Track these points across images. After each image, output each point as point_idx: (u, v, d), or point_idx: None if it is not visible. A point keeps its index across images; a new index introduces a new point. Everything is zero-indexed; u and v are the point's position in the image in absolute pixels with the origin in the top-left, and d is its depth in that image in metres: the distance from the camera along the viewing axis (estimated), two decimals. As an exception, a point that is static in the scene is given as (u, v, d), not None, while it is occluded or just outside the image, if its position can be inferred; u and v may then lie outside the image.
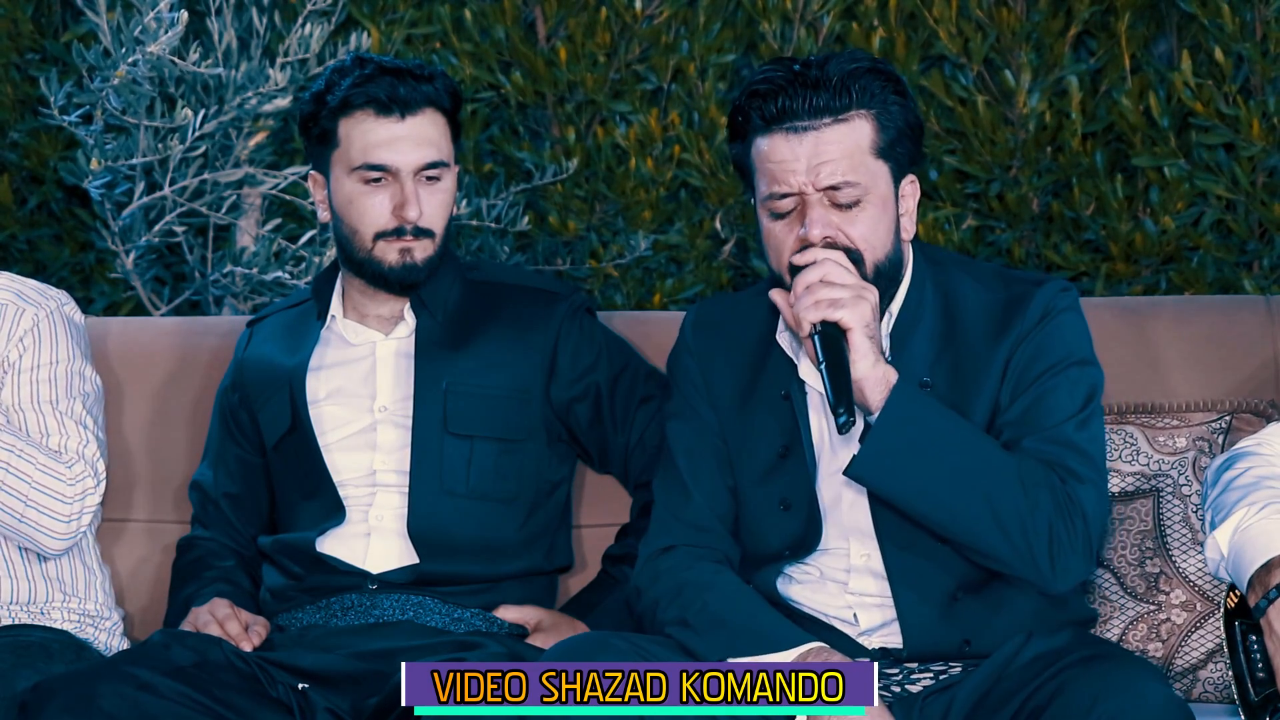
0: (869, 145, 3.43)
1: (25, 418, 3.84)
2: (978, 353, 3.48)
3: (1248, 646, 3.41)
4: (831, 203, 3.41)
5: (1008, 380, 3.46)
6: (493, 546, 3.85)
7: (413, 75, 3.84)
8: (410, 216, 3.83)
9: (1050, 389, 3.44)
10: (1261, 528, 3.36)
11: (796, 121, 3.41)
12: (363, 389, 3.91)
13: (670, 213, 5.00)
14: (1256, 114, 4.66)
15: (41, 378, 3.84)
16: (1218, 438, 3.84)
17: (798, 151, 3.41)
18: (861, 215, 3.42)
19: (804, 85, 3.42)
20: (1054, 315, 3.48)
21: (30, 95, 5.12)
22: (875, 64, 3.46)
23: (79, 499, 3.80)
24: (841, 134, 3.42)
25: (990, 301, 3.51)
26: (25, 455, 3.76)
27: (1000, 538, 3.34)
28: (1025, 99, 4.81)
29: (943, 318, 3.51)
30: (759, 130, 3.45)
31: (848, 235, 3.41)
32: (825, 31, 4.89)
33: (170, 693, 3.49)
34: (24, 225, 5.22)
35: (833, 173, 3.40)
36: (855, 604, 3.50)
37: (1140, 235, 4.79)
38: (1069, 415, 3.43)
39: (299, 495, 3.91)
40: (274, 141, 4.91)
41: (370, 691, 3.60)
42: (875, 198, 3.44)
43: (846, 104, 3.42)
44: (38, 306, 3.87)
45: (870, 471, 3.36)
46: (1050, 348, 3.47)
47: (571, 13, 4.99)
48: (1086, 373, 3.48)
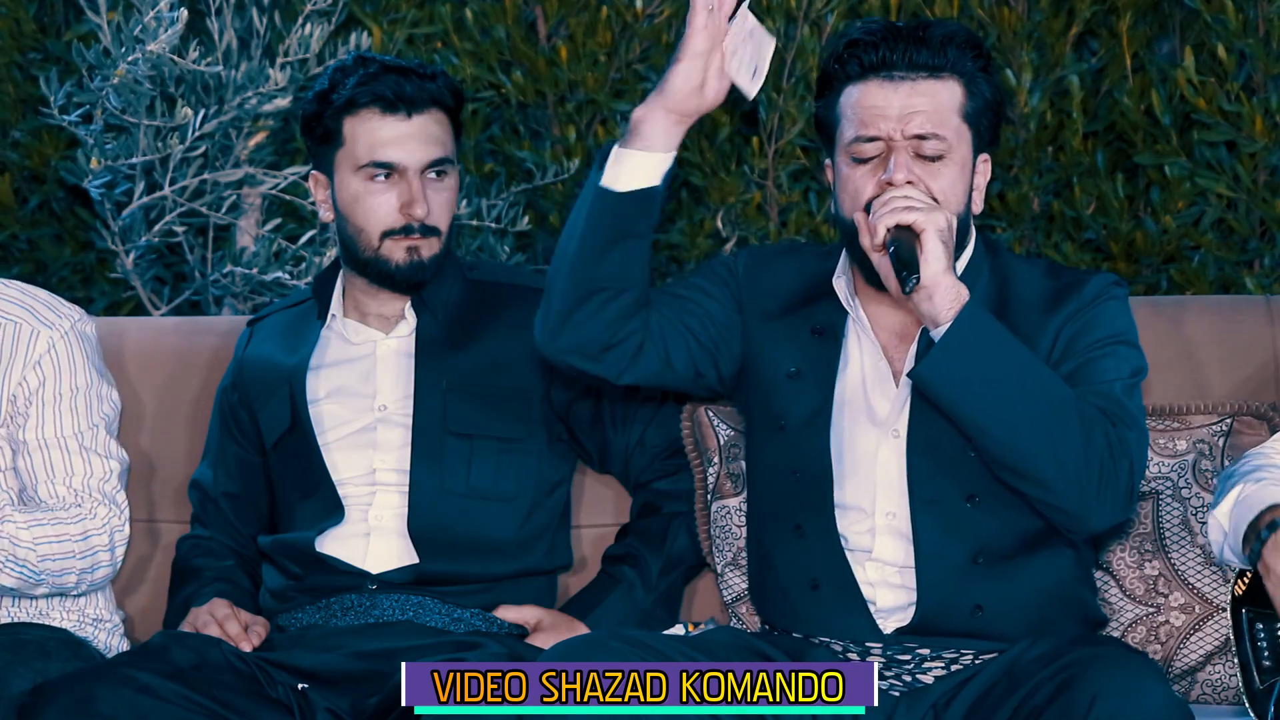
0: (958, 107, 3.52)
1: (49, 455, 3.83)
2: (1029, 325, 3.52)
3: (1254, 634, 3.41)
4: (916, 153, 3.48)
5: (1056, 349, 3.51)
6: (492, 546, 3.85)
7: (417, 74, 3.85)
8: (418, 214, 3.83)
9: (1099, 357, 3.50)
10: (1259, 493, 3.39)
11: (894, 70, 3.50)
12: (363, 388, 3.91)
13: (670, 212, 4.99)
14: (1259, 111, 4.65)
15: (63, 408, 3.84)
16: (1218, 441, 3.83)
17: (891, 99, 3.50)
18: (944, 170, 3.50)
19: (904, 40, 3.51)
20: (1105, 298, 3.55)
21: (31, 94, 5.11)
22: (971, 36, 3.55)
23: (107, 549, 3.83)
24: (935, 89, 3.51)
25: (1044, 286, 3.58)
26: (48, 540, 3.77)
27: (1052, 463, 3.37)
28: (1026, 98, 4.81)
29: (997, 295, 3.57)
30: (854, 78, 3.54)
31: (928, 187, 3.48)
32: (829, 30, 4.89)
33: (169, 694, 3.49)
34: (25, 225, 5.22)
35: (923, 123, 3.48)
36: (875, 580, 3.51)
37: (1141, 234, 4.78)
38: (1117, 378, 3.49)
39: (298, 495, 3.91)
40: (274, 141, 4.91)
41: (370, 691, 3.60)
42: (957, 158, 3.51)
43: (942, 64, 3.51)
44: (52, 328, 3.86)
45: (937, 376, 3.40)
46: (1100, 323, 3.53)
47: (572, 12, 4.99)
48: (1134, 353, 3.54)
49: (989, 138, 3.58)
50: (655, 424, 3.95)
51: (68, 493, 3.82)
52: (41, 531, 3.74)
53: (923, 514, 3.49)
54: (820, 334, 3.59)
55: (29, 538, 3.73)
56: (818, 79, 3.61)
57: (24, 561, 3.73)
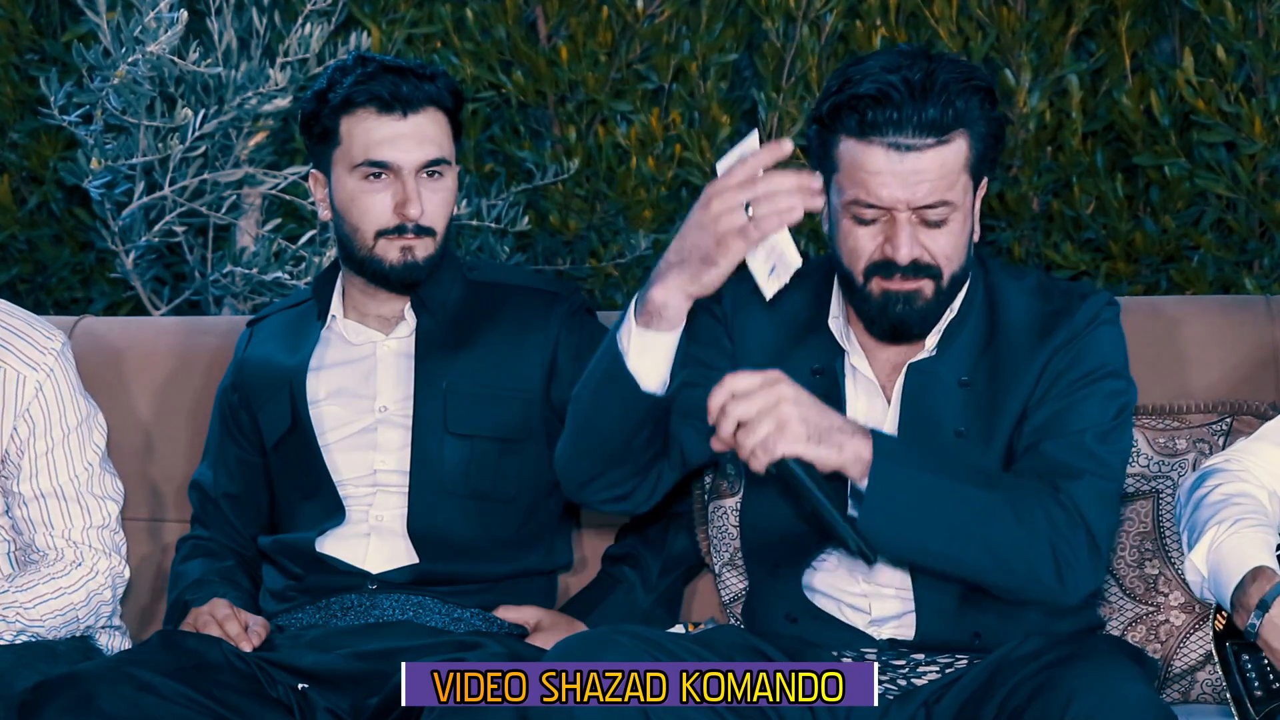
0: (962, 164, 3.40)
1: (45, 505, 3.79)
2: (1018, 356, 3.47)
3: (1241, 667, 3.38)
4: (920, 220, 3.39)
5: (1041, 383, 3.45)
6: (492, 546, 3.85)
7: (415, 74, 3.85)
8: (412, 214, 3.83)
9: (1080, 399, 3.44)
10: (1232, 545, 3.33)
11: (899, 139, 3.34)
12: (363, 389, 3.91)
13: (671, 212, 4.99)
14: (1258, 112, 4.66)
15: (56, 456, 3.80)
16: (1218, 439, 3.83)
17: (895, 169, 3.35)
18: (947, 231, 3.40)
19: (911, 102, 3.33)
20: (1095, 326, 3.48)
21: (30, 95, 5.12)
22: (974, 78, 3.39)
23: (110, 600, 3.82)
24: (941, 156, 3.36)
25: (1035, 309, 3.51)
26: (55, 613, 3.76)
27: (1005, 573, 3.34)
28: (1025, 98, 4.81)
29: (987, 320, 3.52)
30: (853, 133, 3.37)
31: (930, 252, 3.40)
32: (828, 30, 4.89)
33: (170, 693, 3.49)
34: (24, 225, 5.22)
35: (928, 194, 3.36)
36: (872, 593, 3.51)
37: (1140, 234, 4.79)
38: (1092, 425, 3.42)
39: (299, 495, 3.91)
40: (274, 141, 4.91)
41: (370, 691, 3.59)
42: (960, 213, 3.41)
43: (950, 125, 3.35)
44: (36, 368, 3.79)
45: (871, 533, 3.31)
46: (1088, 355, 3.46)
47: (573, 12, 4.99)
48: (1120, 385, 3.48)
49: (990, 166, 3.48)
50: (655, 424, 3.95)
51: (67, 546, 3.79)
52: (47, 608, 3.74)
53: None
54: (820, 374, 3.54)
55: (37, 615, 3.73)
56: (816, 106, 3.46)
57: (33, 630, 3.74)
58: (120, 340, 4.24)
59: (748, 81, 5.06)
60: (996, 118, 3.43)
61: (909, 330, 3.45)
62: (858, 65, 3.41)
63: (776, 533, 3.56)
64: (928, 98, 3.34)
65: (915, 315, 3.43)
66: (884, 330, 3.46)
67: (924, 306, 3.43)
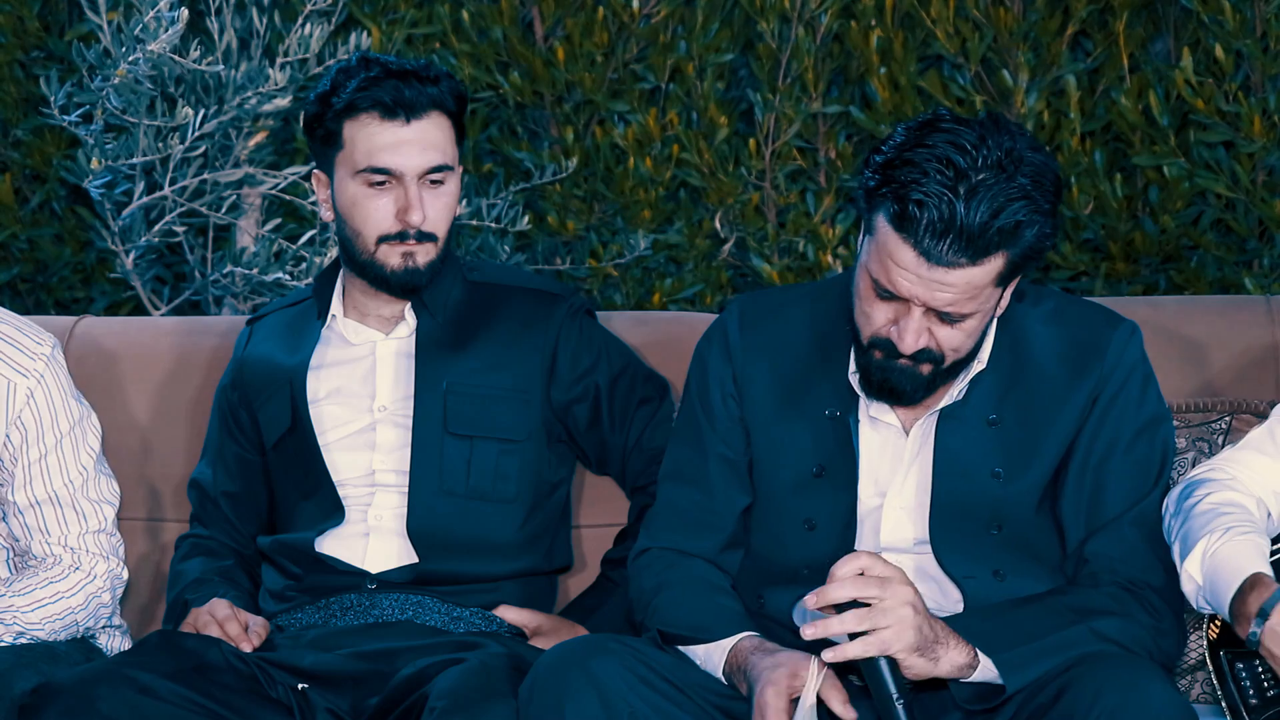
0: (993, 279, 3.32)
1: (41, 512, 3.78)
2: (1050, 390, 3.47)
3: (1236, 675, 3.38)
4: (935, 315, 3.35)
5: (1093, 416, 3.46)
6: (492, 546, 3.86)
7: (418, 77, 3.83)
8: (414, 221, 3.82)
9: (1130, 465, 3.47)
10: (1226, 553, 3.32)
11: (933, 249, 3.26)
12: (363, 389, 3.92)
13: (669, 212, 5.00)
14: (1257, 111, 4.66)
15: (50, 463, 3.78)
16: (1217, 438, 3.84)
17: (921, 273, 3.28)
18: (961, 328, 3.37)
19: (954, 229, 3.24)
20: (1130, 373, 3.48)
21: (33, 94, 5.12)
22: (1037, 196, 3.28)
23: (109, 601, 3.81)
24: (970, 275, 3.29)
25: (1059, 338, 3.49)
26: (54, 617, 3.76)
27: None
28: (1023, 99, 4.81)
29: (1009, 353, 3.50)
30: (890, 220, 3.28)
31: (938, 341, 3.37)
32: (823, 31, 4.89)
33: (170, 695, 3.49)
34: (25, 224, 5.22)
35: (948, 303, 3.32)
36: None
37: (1140, 234, 4.79)
38: (1147, 491, 3.47)
39: (298, 495, 3.91)
40: (274, 141, 4.91)
41: (370, 691, 3.60)
42: (981, 315, 3.38)
43: (989, 251, 3.27)
44: (27, 375, 3.77)
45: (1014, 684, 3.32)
46: (1129, 411, 3.47)
47: (569, 12, 4.99)
48: (1164, 425, 3.51)
49: (1027, 271, 3.40)
50: (653, 426, 3.95)
51: (64, 552, 3.78)
52: (45, 613, 3.74)
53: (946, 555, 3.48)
54: (835, 420, 3.52)
55: (36, 619, 3.73)
56: (862, 173, 3.34)
57: (32, 634, 3.73)
58: (120, 340, 4.25)
59: (744, 82, 5.06)
60: (1049, 233, 3.33)
61: (900, 398, 3.44)
62: (920, 147, 3.29)
63: (763, 548, 3.58)
64: (974, 223, 3.26)
65: (908, 386, 3.41)
66: (874, 393, 3.45)
67: (920, 380, 3.41)
